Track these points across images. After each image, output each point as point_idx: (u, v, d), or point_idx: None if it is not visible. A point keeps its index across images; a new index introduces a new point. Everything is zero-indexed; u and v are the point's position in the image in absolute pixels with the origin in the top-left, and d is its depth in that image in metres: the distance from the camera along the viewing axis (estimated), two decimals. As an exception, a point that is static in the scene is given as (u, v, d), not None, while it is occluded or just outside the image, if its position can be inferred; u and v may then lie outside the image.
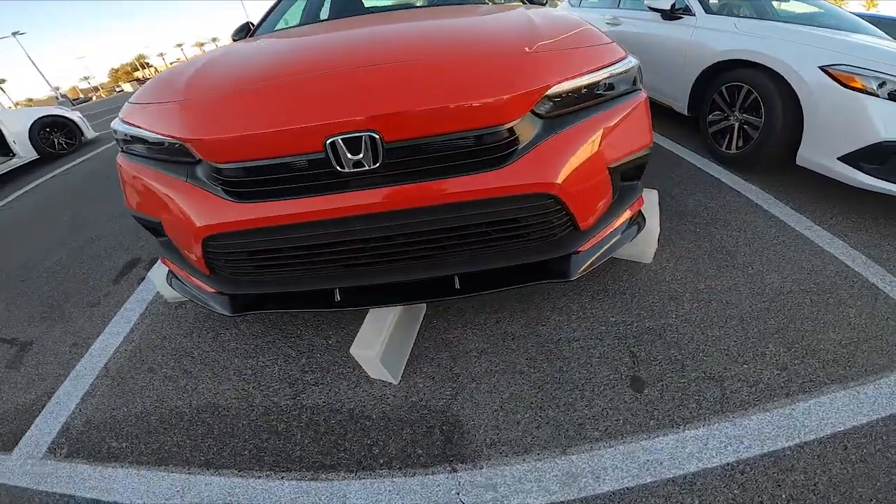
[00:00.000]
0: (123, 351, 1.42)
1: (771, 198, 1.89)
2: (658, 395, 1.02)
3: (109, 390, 1.25)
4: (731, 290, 1.34)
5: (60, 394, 1.25)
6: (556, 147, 0.98)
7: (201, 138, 0.87)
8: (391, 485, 0.91)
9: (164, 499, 0.93)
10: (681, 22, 2.53)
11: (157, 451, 1.04)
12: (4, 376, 1.37)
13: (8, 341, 1.54)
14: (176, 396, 1.20)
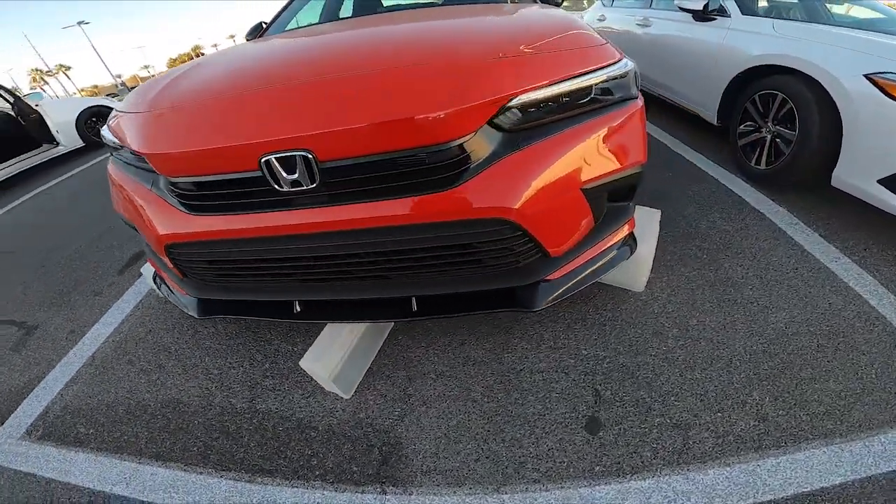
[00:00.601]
0: (111, 341, 1.59)
1: (798, 222, 1.76)
2: (612, 440, 1.00)
3: (90, 379, 1.41)
4: (726, 327, 1.28)
5: (49, 379, 1.43)
6: (516, 166, 0.93)
7: (152, 152, 0.97)
8: (321, 497, 0.96)
9: (111, 484, 1.04)
10: (714, 24, 2.41)
11: (116, 440, 1.17)
12: (6, 358, 1.58)
13: (17, 324, 1.78)
14: (145, 389, 1.33)
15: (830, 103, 1.66)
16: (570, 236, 1.10)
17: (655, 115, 3.36)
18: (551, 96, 0.97)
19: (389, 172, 0.90)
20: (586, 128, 1.02)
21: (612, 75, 1.06)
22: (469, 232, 0.95)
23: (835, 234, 1.66)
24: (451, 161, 0.90)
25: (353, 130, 0.83)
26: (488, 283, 1.11)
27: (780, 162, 1.92)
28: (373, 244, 0.98)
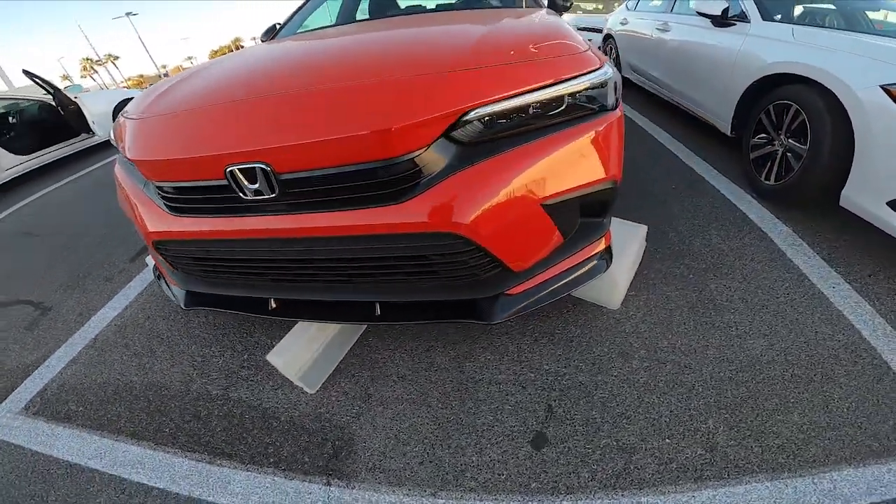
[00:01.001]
0: (114, 325, 1.77)
1: (802, 244, 1.69)
2: (554, 458, 1.03)
3: (89, 360, 1.58)
4: (696, 352, 1.27)
5: (53, 358, 1.61)
6: (470, 181, 0.95)
7: (137, 159, 1.09)
8: (270, 482, 1.06)
9: (86, 458, 1.18)
10: (733, 29, 2.34)
11: (100, 418, 1.32)
12: (20, 336, 1.79)
13: (34, 304, 2.00)
14: (135, 372, 1.48)
15: (843, 115, 1.59)
16: (533, 251, 1.13)
17: (669, 124, 3.29)
18: (512, 108, 0.98)
19: (343, 185, 0.96)
20: (550, 141, 1.02)
21: (584, 86, 1.05)
22: (421, 245, 1.00)
23: (839, 259, 1.59)
24: (401, 176, 0.95)
25: (305, 145, 0.91)
26: (448, 294, 1.16)
27: (789, 178, 1.85)
28: (332, 251, 1.05)
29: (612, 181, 1.16)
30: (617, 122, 1.15)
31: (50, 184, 4.19)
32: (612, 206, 1.26)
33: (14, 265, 2.51)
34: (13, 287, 2.22)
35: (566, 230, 1.16)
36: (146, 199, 1.22)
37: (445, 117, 0.92)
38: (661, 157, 2.71)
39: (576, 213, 1.17)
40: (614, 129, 1.14)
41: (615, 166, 1.15)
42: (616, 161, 1.16)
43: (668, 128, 3.21)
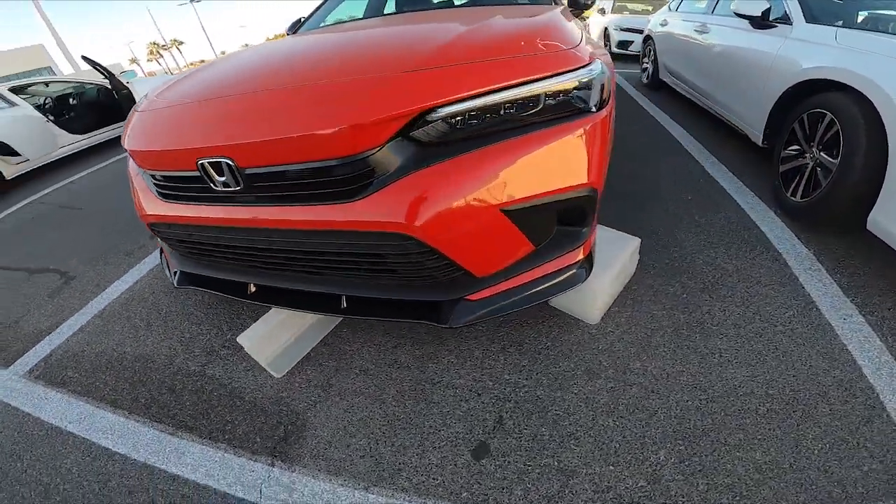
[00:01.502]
0: (121, 298, 1.97)
1: (819, 269, 1.57)
2: (492, 470, 1.04)
3: (94, 329, 1.77)
4: (669, 377, 1.22)
5: (64, 326, 1.82)
6: (423, 182, 0.97)
7: (129, 148, 1.22)
8: (220, 458, 1.15)
9: (67, 422, 1.33)
10: (773, 32, 2.18)
11: (89, 385, 1.48)
12: (42, 303, 2.03)
13: (61, 273, 2.26)
14: (129, 343, 1.65)
15: (880, 127, 1.45)
16: (496, 257, 1.13)
17: (699, 131, 3.12)
18: (477, 108, 0.97)
19: (300, 181, 1.02)
20: (517, 143, 1.01)
21: (560, 85, 1.02)
22: (375, 243, 1.03)
23: (859, 288, 1.45)
24: (354, 174, 0.98)
25: (263, 143, 0.97)
26: (408, 294, 1.20)
27: (816, 194, 1.71)
28: (296, 244, 1.12)
29: (590, 189, 1.13)
30: (600, 124, 1.11)
31: (98, 162, 4.66)
32: (591, 215, 1.22)
33: (53, 235, 2.84)
34: (47, 255, 2.51)
35: (537, 238, 1.15)
36: (143, 184, 1.36)
37: (398, 118, 0.94)
38: (683, 166, 2.57)
39: (549, 221, 1.16)
40: (596, 132, 1.10)
41: (595, 173, 1.12)
42: (596, 167, 1.12)
43: (698, 135, 3.04)
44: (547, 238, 1.19)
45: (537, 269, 1.19)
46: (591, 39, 1.63)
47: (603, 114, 1.13)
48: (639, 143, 3.06)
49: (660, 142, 3.04)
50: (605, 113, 1.14)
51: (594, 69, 1.10)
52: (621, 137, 3.16)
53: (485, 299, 1.18)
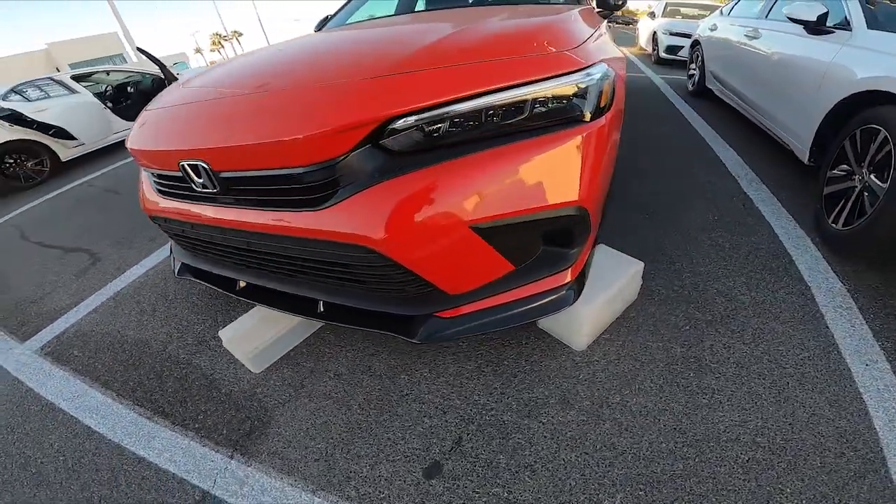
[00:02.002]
0: (136, 282, 2.15)
1: (851, 307, 1.43)
2: (439, 491, 1.03)
3: (106, 311, 1.95)
4: (649, 415, 1.15)
5: (81, 305, 2.02)
6: (388, 193, 0.96)
7: (128, 146, 1.33)
8: (185, 445, 1.23)
9: (62, 399, 1.47)
10: (830, 38, 1.99)
11: (89, 365, 1.62)
12: (67, 281, 2.27)
13: (90, 254, 2.52)
14: (132, 327, 1.80)
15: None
16: (469, 275, 1.11)
17: (742, 144, 2.92)
18: (451, 115, 0.94)
19: (269, 187, 1.06)
20: (490, 156, 0.97)
21: (545, 92, 0.97)
22: (341, 253, 1.05)
23: (893, 332, 1.30)
24: (318, 183, 0.99)
25: (232, 148, 1.02)
26: (380, 305, 1.21)
27: (860, 222, 1.54)
28: (270, 246, 1.17)
29: (578, 209, 1.07)
30: (595, 135, 1.05)
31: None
32: (581, 236, 1.18)
33: (92, 217, 3.16)
34: (82, 236, 2.81)
35: (517, 257, 1.12)
36: (145, 179, 1.49)
37: (359, 126, 0.93)
38: (718, 182, 2.41)
39: (531, 240, 1.13)
40: (590, 144, 1.05)
41: (586, 190, 1.06)
42: (587, 184, 1.06)
43: (741, 148, 2.84)
44: (529, 258, 1.15)
45: (518, 289, 1.16)
46: (604, 41, 1.57)
47: (599, 123, 1.07)
48: (671, 153, 2.90)
49: (695, 153, 2.86)
50: (602, 123, 1.08)
51: (592, 73, 1.05)
52: (653, 146, 3.02)
53: (457, 317, 1.16)
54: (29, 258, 2.61)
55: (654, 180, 2.50)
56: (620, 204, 2.24)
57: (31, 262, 2.54)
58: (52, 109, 4.47)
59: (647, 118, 3.75)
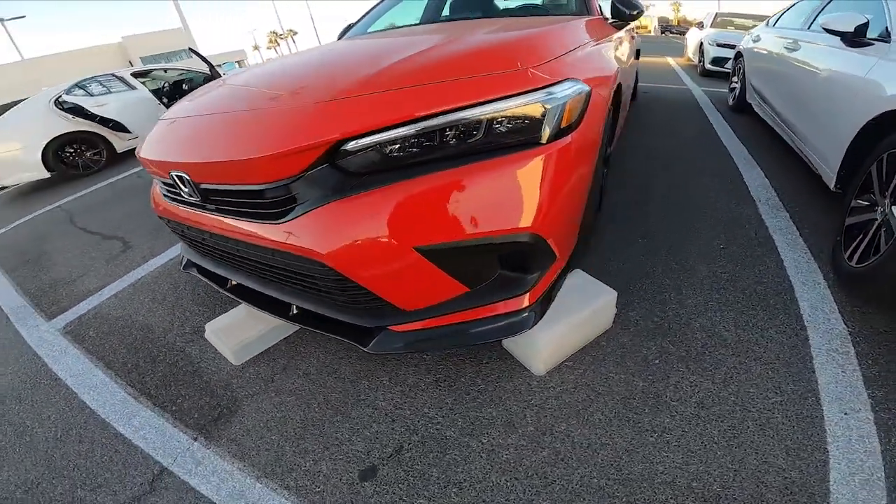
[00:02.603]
0: (156, 271, 2.43)
1: (849, 353, 1.35)
2: (367, 494, 1.11)
3: (125, 296, 2.22)
4: (589, 447, 1.15)
5: (106, 289, 2.30)
6: (336, 212, 1.04)
7: (137, 154, 1.54)
8: (159, 425, 1.40)
9: (69, 375, 1.70)
10: (867, 50, 1.85)
11: (99, 345, 1.86)
12: (99, 266, 2.59)
13: (123, 242, 2.86)
14: (142, 313, 2.04)
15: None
16: (422, 293, 1.17)
17: (774, 165, 2.76)
18: (394, 139, 0.99)
19: (239, 200, 1.20)
20: (437, 179, 1.01)
21: (495, 113, 1.00)
22: (299, 264, 1.15)
23: (886, 381, 1.22)
24: (278, 199, 1.10)
25: (204, 164, 1.18)
26: (340, 313, 1.32)
27: (874, 259, 1.43)
28: (247, 251, 1.31)
29: (531, 236, 1.09)
30: (555, 157, 1.07)
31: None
32: (537, 263, 1.22)
33: (134, 207, 3.56)
34: (121, 225, 3.19)
35: (469, 279, 1.17)
36: (155, 182, 1.72)
37: (310, 149, 1.01)
38: (735, 206, 2.31)
39: (485, 264, 1.17)
40: (547, 168, 1.07)
41: (541, 217, 1.08)
42: (545, 210, 1.09)
43: (771, 170, 2.69)
44: (484, 281, 1.20)
45: (474, 310, 1.21)
46: (596, 53, 1.59)
47: (560, 145, 1.09)
48: (691, 173, 2.80)
49: (719, 175, 2.75)
50: (563, 144, 1.10)
51: (554, 92, 1.07)
52: (673, 166, 2.92)
53: (410, 332, 1.23)
54: (72, 242, 3.01)
55: (663, 202, 2.43)
56: (619, 226, 2.21)
57: (72, 246, 2.93)
58: (111, 104, 5.09)
59: (675, 135, 3.63)
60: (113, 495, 1.20)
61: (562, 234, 1.29)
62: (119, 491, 1.21)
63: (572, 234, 1.44)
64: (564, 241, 1.35)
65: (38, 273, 2.66)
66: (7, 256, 3.06)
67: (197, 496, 1.16)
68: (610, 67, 1.60)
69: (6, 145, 4.48)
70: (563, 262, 1.42)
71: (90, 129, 4.94)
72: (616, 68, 1.68)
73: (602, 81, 1.46)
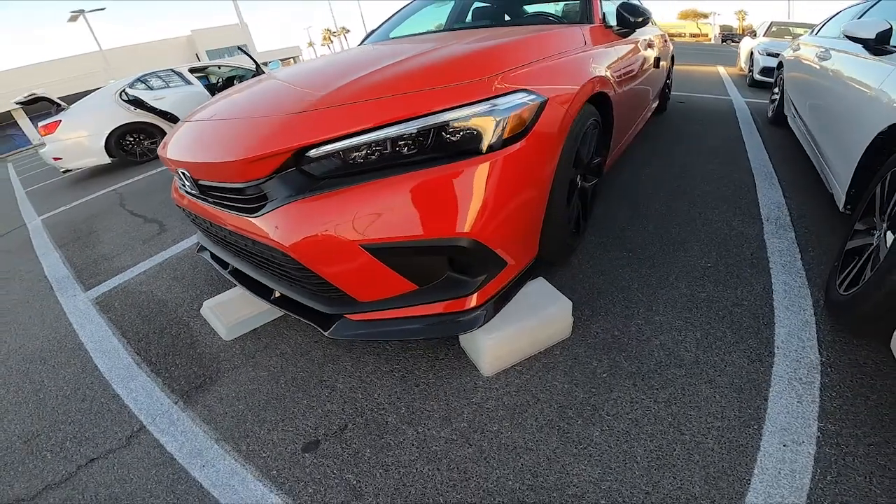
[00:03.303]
0: (181, 253, 2.72)
1: (814, 383, 1.30)
2: (305, 464, 1.22)
3: (151, 274, 2.51)
4: (514, 451, 1.20)
5: (136, 267, 2.61)
6: (299, 209, 1.18)
7: (158, 152, 1.77)
8: (150, 388, 1.61)
9: (90, 340, 1.96)
10: (887, 59, 1.71)
11: (120, 315, 2.13)
12: (136, 245, 2.93)
13: (160, 224, 3.21)
14: (162, 290, 2.32)
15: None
16: (374, 287, 1.29)
17: (801, 182, 2.59)
18: (347, 148, 1.13)
19: (225, 195, 1.38)
20: (383, 184, 1.13)
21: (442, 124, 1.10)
22: (273, 253, 1.31)
23: (844, 416, 1.17)
24: (253, 196, 1.27)
25: (199, 164, 1.37)
26: (308, 300, 1.46)
27: (858, 287, 1.35)
28: (235, 238, 1.48)
29: (470, 241, 1.19)
30: (498, 166, 1.16)
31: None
32: (480, 268, 1.31)
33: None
34: (162, 209, 3.57)
35: (417, 278, 1.28)
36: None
37: (275, 155, 1.17)
38: (738, 224, 2.20)
39: (432, 264, 1.28)
40: (491, 176, 1.15)
41: (482, 224, 1.18)
42: (486, 217, 1.18)
43: (792, 188, 2.54)
44: (433, 280, 1.30)
45: (422, 307, 1.31)
46: (573, 62, 1.62)
47: (505, 154, 1.17)
48: (702, 183, 2.69)
49: (731, 187, 2.62)
50: (508, 153, 1.18)
51: (498, 104, 1.15)
52: (683, 183, 2.81)
53: (364, 322, 1.36)
54: (119, 222, 3.44)
55: (659, 216, 2.36)
56: (602, 237, 2.19)
57: (118, 226, 3.35)
58: (168, 98, 5.67)
59: (699, 150, 3.44)
60: (94, 447, 1.41)
61: (512, 242, 1.36)
62: (100, 444, 1.42)
63: (528, 243, 1.48)
64: (517, 249, 1.41)
65: (85, 248, 3.07)
66: (62, 232, 3.55)
67: (162, 452, 1.35)
68: (582, 77, 1.60)
69: (74, 133, 5.16)
70: (520, 268, 1.47)
71: (149, 121, 5.53)
72: (593, 77, 1.67)
73: (567, 91, 1.48)
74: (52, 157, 5.31)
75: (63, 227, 3.78)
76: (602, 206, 2.54)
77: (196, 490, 1.23)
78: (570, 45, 1.74)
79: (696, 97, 5.77)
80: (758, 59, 6.01)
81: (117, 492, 1.26)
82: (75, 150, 5.27)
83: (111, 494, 1.26)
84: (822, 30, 3.09)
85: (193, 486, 1.24)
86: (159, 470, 1.30)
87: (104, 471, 1.33)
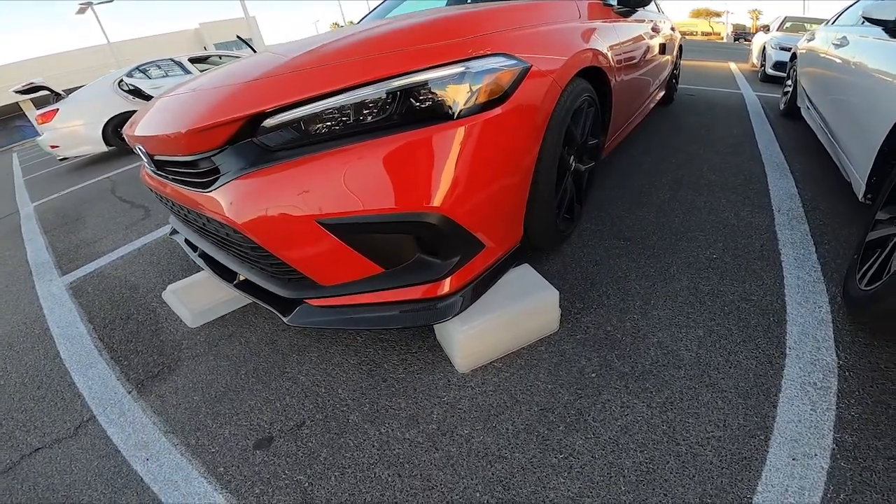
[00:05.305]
0: (160, 238, 2.61)
1: (829, 387, 1.13)
2: (255, 462, 1.09)
3: (127, 259, 2.40)
4: (486, 458, 1.05)
5: (114, 252, 2.51)
6: (248, 185, 1.06)
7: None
8: (107, 376, 1.50)
9: (56, 326, 1.85)
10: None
11: (90, 300, 2.02)
12: (118, 230, 2.83)
13: (145, 210, 3.12)
14: (135, 275, 2.20)
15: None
16: (335, 269, 1.15)
17: (814, 173, 2.42)
18: (306, 115, 1.00)
19: (178, 169, 1.27)
20: (342, 153, 1.00)
21: (407, 86, 0.98)
22: (227, 232, 1.19)
23: (866, 425, 1.00)
24: (204, 170, 1.16)
25: (150, 137, 1.27)
26: (268, 283, 1.33)
27: (876, 285, 1.18)
28: (193, 217, 1.36)
29: (439, 217, 1.06)
30: (470, 134, 1.02)
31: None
32: (450, 247, 1.16)
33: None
34: (150, 194, 3.46)
35: (380, 259, 1.14)
36: None
37: (225, 124, 1.05)
38: (747, 214, 2.03)
39: (398, 244, 1.14)
40: (463, 144, 1.02)
41: (451, 197, 1.05)
42: (458, 191, 1.05)
43: (805, 179, 2.35)
44: (400, 262, 1.16)
45: (391, 292, 1.17)
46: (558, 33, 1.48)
47: (479, 119, 1.04)
48: (709, 172, 2.51)
49: (739, 176, 2.44)
50: (483, 118, 1.05)
51: (471, 66, 1.02)
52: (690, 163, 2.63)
53: (327, 307, 1.22)
54: (107, 208, 3.35)
55: (661, 205, 2.19)
56: (599, 224, 2.03)
57: (106, 212, 3.26)
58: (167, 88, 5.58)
59: (706, 140, 3.24)
60: (41, 437, 1.30)
61: (489, 222, 1.22)
62: (47, 433, 1.31)
63: (510, 224, 1.34)
64: (496, 230, 1.27)
65: (70, 234, 2.98)
66: (50, 218, 3.48)
67: (107, 443, 1.23)
68: (572, 48, 1.45)
69: (72, 121, 5.10)
70: (501, 252, 1.33)
71: (147, 110, 5.46)
72: (585, 49, 1.51)
73: (554, 60, 1.34)
74: (50, 145, 5.27)
75: (53, 213, 3.71)
76: (600, 193, 2.38)
77: (135, 484, 1.11)
78: (562, 17, 1.58)
79: (706, 90, 5.52)
80: (770, 53, 5.79)
81: (56, 483, 1.15)
82: (72, 139, 5.21)
83: (50, 485, 1.15)
84: (840, 19, 2.90)
85: (133, 479, 1.12)
86: (101, 462, 1.19)
87: (46, 461, 1.22)
